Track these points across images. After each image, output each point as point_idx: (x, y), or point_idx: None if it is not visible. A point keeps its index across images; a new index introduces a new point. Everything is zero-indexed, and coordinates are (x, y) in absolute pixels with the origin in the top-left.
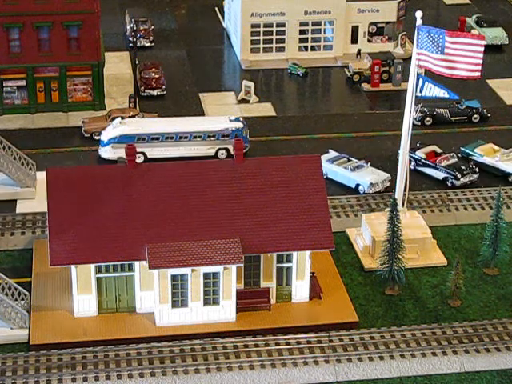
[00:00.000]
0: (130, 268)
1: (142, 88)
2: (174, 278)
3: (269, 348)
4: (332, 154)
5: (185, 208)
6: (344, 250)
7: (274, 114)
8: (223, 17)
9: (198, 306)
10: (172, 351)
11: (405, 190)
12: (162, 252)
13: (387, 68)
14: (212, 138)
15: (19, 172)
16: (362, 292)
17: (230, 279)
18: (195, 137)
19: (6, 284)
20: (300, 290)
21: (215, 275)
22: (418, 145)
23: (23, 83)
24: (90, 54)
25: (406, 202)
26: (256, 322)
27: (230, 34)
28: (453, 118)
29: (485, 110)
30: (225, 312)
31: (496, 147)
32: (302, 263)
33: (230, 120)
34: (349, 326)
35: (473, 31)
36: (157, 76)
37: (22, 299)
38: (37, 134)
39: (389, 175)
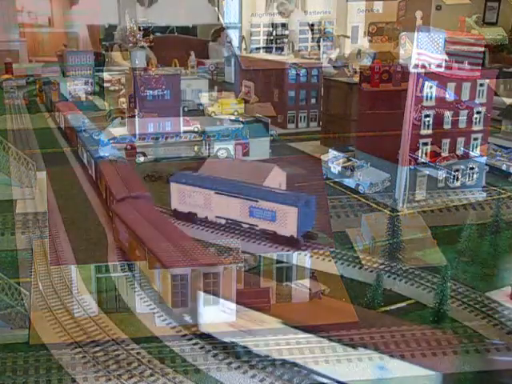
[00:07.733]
0: (131, 268)
1: (142, 88)
2: (174, 278)
3: (269, 348)
4: (332, 153)
5: None
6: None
7: (274, 114)
8: (223, 17)
9: (197, 306)
10: (172, 351)
11: (405, 190)
12: (161, 252)
13: (387, 68)
14: (212, 138)
15: (19, 172)
16: (362, 292)
17: (230, 279)
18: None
19: (6, 284)
20: (300, 290)
21: (215, 275)
22: (417, 145)
23: (23, 83)
24: None
25: (405, 202)
26: (256, 322)
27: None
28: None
29: None
30: (224, 312)
31: (496, 147)
32: (302, 263)
33: (230, 120)
34: (349, 327)
35: (473, 31)
36: (157, 76)
37: (22, 299)
38: (37, 133)
39: (389, 175)
